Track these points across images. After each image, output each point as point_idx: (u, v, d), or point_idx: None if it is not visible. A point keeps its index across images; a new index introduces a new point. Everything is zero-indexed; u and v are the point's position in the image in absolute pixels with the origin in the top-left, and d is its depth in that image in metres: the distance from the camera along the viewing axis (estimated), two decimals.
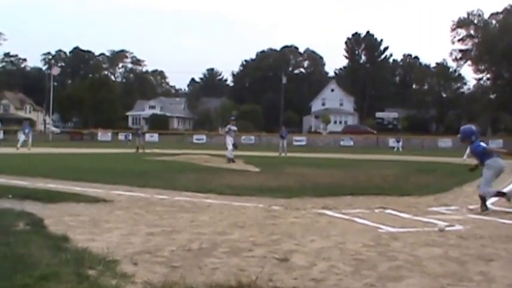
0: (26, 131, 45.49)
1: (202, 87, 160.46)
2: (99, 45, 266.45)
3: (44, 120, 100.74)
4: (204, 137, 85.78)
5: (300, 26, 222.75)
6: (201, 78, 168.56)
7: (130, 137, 70.07)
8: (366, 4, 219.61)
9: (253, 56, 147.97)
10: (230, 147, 28.82)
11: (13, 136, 67.13)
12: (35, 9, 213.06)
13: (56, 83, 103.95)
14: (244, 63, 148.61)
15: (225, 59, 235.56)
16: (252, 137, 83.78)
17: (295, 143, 77.45)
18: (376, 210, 11.33)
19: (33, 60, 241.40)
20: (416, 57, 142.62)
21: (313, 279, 5.85)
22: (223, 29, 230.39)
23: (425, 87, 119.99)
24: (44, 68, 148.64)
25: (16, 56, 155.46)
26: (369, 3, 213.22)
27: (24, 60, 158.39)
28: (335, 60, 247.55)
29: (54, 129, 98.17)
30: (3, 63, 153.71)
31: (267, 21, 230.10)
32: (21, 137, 45.15)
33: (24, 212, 9.57)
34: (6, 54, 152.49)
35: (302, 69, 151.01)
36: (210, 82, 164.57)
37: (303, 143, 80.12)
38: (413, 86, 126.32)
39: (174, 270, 6.01)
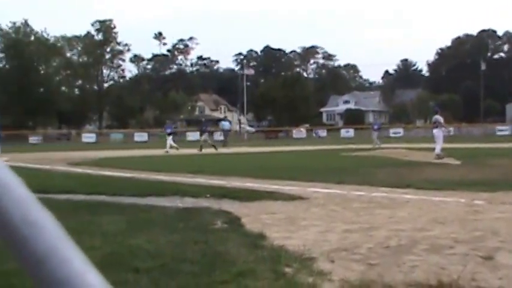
0: (168, 131, 41.64)
1: (397, 79, 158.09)
2: (290, 43, 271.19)
3: (239, 120, 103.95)
4: (401, 130, 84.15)
5: (497, 8, 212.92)
6: (395, 70, 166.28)
7: (325, 133, 70.11)
8: None
9: (449, 43, 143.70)
10: (441, 144, 25.23)
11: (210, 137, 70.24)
12: (224, 11, 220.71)
13: (248, 83, 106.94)
14: (439, 51, 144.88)
15: (419, 49, 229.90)
16: (451, 128, 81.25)
17: (498, 133, 74.27)
18: None
19: (226, 62, 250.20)
20: None
21: None
22: (415, 17, 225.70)
23: None
24: (236, 68, 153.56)
25: (208, 58, 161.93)
26: None
27: (217, 62, 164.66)
28: None
29: (249, 128, 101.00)
30: (197, 67, 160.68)
31: (460, 5, 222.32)
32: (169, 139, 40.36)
33: (222, 211, 9.84)
34: (199, 58, 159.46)
35: (502, 54, 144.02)
36: (405, 73, 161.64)
37: (506, 132, 76.41)
38: None
39: (372, 268, 5.85)
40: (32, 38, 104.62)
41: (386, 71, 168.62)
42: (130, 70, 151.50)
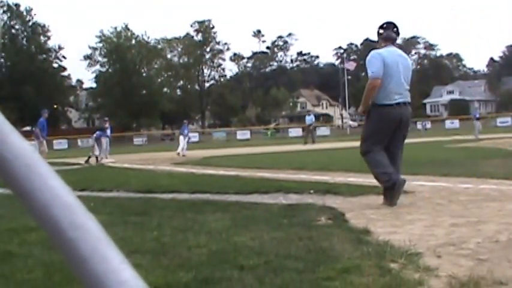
0: (186, 132, 38.81)
1: (503, 66, 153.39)
2: None
3: (341, 115, 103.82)
4: (509, 119, 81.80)
5: None
6: (500, 57, 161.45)
7: (429, 125, 68.89)
8: None
9: None
10: None
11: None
12: (322, 5, 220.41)
13: (349, 77, 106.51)
14: None
15: None
16: None
17: None
18: None
19: (326, 57, 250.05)
20: None
21: None
22: None
23: None
24: (336, 63, 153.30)
25: (308, 54, 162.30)
26: None
27: (317, 57, 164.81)
28: None
29: (351, 123, 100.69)
30: (297, 63, 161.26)
31: None
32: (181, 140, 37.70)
33: (325, 206, 9.79)
34: (299, 53, 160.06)
35: None
36: (511, 60, 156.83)
37: None
38: None
39: (481, 264, 5.66)
40: (133, 41, 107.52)
41: (491, 58, 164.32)
42: (230, 69, 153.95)
